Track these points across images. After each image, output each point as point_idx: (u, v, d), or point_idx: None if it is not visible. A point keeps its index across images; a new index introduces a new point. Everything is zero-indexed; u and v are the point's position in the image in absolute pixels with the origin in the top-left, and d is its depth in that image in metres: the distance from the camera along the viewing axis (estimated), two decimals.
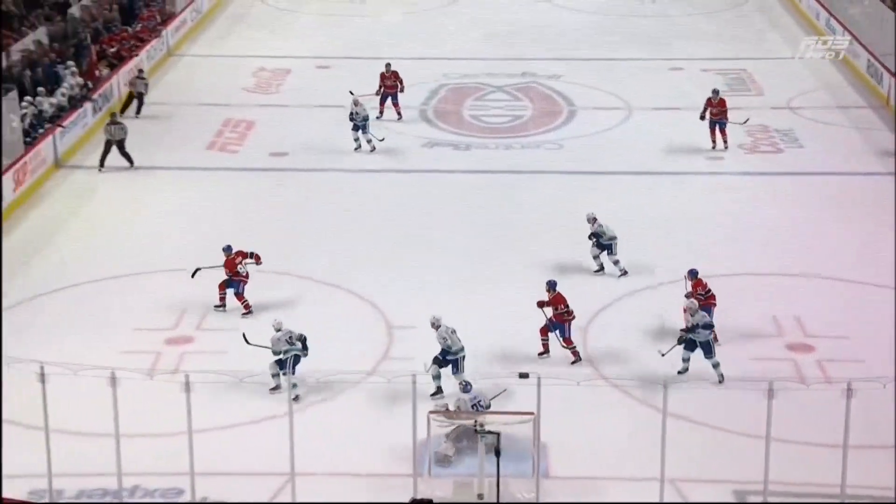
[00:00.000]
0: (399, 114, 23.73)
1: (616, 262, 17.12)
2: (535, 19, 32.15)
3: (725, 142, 22.09)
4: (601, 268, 17.21)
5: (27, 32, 24.49)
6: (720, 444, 13.13)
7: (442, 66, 27.65)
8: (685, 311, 14.48)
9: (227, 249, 16.23)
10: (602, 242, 17.08)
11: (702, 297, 14.98)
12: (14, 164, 20.03)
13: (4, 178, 19.54)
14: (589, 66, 27.84)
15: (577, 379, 12.80)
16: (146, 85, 24.40)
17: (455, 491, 12.28)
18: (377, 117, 23.29)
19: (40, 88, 22.26)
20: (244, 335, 14.36)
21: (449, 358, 14.06)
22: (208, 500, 12.08)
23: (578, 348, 14.94)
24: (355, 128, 21.89)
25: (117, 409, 11.63)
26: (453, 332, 14.08)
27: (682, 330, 14.36)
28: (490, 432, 11.45)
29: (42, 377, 11.54)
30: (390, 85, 23.65)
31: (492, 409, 12.88)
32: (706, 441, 13.18)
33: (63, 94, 22.80)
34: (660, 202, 20.20)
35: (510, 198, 20.42)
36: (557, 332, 14.86)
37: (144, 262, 17.77)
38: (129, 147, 21.59)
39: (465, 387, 13.01)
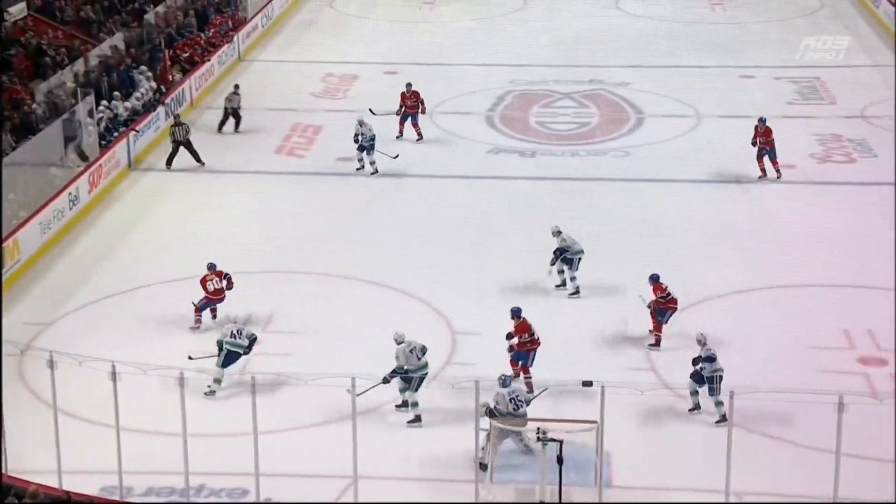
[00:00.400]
0: (419, 134, 22.98)
1: (573, 279, 16.72)
2: (604, 26, 31.98)
3: (777, 171, 20.97)
4: (564, 283, 16.83)
5: (104, 38, 25.04)
6: (788, 458, 12.92)
7: (509, 73, 27.63)
8: (698, 341, 13.99)
9: (211, 267, 16.16)
10: (567, 257, 16.69)
11: (662, 300, 15.11)
12: (90, 166, 20.50)
13: (81, 180, 20.01)
14: (657, 74, 27.61)
15: (642, 388, 12.69)
16: (240, 100, 24.11)
17: (517, 498, 12.25)
18: (397, 136, 22.92)
19: (116, 93, 22.76)
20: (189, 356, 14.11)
21: (406, 377, 13.73)
22: (272, 501, 12.20)
23: (646, 354, 14.73)
24: (360, 148, 21.39)
25: (185, 408, 11.78)
26: (412, 350, 13.71)
27: (694, 360, 13.85)
28: (552, 440, 11.39)
29: (113, 376, 11.76)
30: (411, 105, 22.97)
31: (537, 415, 12.77)
32: (774, 454, 12.99)
33: (137, 99, 23.27)
34: (728, 211, 19.94)
35: (575, 205, 20.31)
36: (520, 361, 14.35)
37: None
38: (202, 149, 21.94)
39: (505, 381, 12.87)
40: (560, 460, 10.72)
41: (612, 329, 15.79)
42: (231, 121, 23.93)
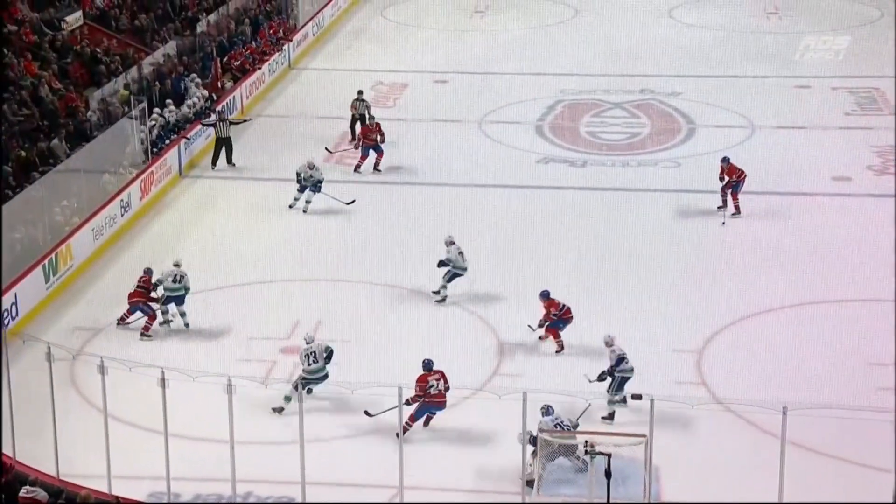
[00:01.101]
0: (377, 168, 22.11)
1: (444, 287, 16.68)
2: (656, 35, 31.72)
3: (737, 206, 19.65)
4: (444, 299, 16.73)
5: (157, 46, 25.34)
6: (842, 475, 12.68)
7: (559, 82, 27.51)
8: (606, 343, 14.10)
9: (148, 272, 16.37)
10: (453, 271, 16.65)
11: (556, 316, 15.22)
12: (141, 173, 20.72)
13: (133, 186, 20.25)
14: (710, 83, 27.32)
15: (692, 402, 12.51)
16: (368, 106, 23.71)
17: None
18: (350, 140, 22.44)
19: (168, 101, 23.00)
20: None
21: (306, 378, 13.82)
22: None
23: (697, 368, 14.60)
24: (301, 189, 20.30)
25: (232, 415, 11.82)
26: (313, 353, 13.89)
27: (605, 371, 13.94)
28: (600, 453, 11.25)
29: (162, 382, 11.84)
30: (371, 139, 22.04)
31: (581, 427, 12.73)
32: (828, 471, 12.75)
33: (189, 107, 23.50)
34: (782, 223, 19.65)
35: (624, 216, 20.15)
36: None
37: (261, 271, 18.13)
38: (254, 154, 21.99)
39: (547, 410, 12.79)
40: (608, 474, 10.59)
41: (662, 341, 15.59)
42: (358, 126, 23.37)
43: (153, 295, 16.19)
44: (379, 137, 22.13)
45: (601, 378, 14.00)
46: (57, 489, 11.54)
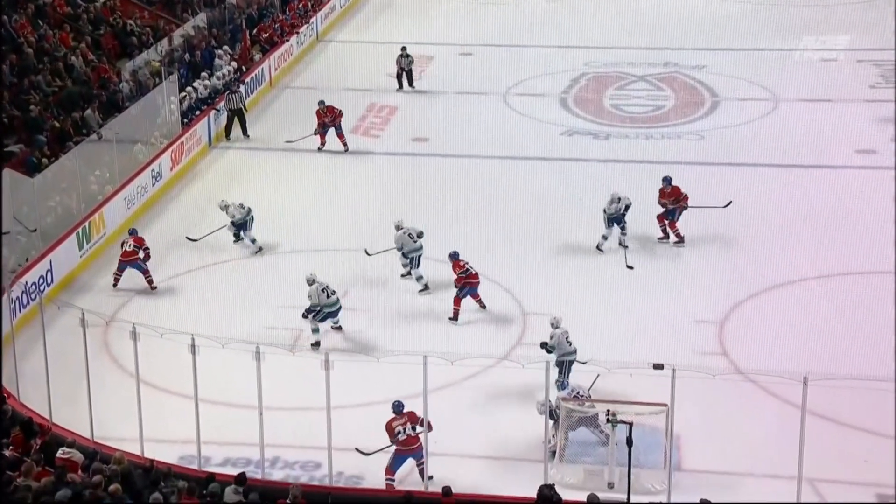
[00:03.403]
0: (345, 145, 22.00)
1: (419, 278, 16.69)
2: (681, 8, 31.49)
3: (677, 234, 18.07)
4: (408, 273, 16.90)
5: (188, 19, 25.54)
6: (863, 446, 12.81)
7: (584, 55, 27.50)
8: (551, 324, 14.11)
9: (133, 232, 17.21)
10: (405, 253, 16.77)
11: (463, 276, 15.45)
12: (171, 143, 21.00)
13: (164, 156, 20.52)
14: (734, 56, 27.21)
15: (713, 372, 12.66)
16: (411, 61, 25.46)
17: (585, 479, 12.35)
18: (318, 148, 22.08)
19: (203, 73, 23.23)
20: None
21: (327, 311, 15.14)
22: (345, 475, 12.46)
23: (717, 337, 14.72)
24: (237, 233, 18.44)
25: (261, 382, 12.09)
26: (327, 287, 15.12)
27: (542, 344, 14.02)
28: (622, 422, 11.45)
29: (193, 348, 12.11)
30: (329, 121, 21.94)
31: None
32: (848, 442, 12.89)
33: (219, 78, 23.73)
34: (805, 196, 19.68)
35: (648, 189, 20.17)
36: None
37: (289, 240, 18.40)
38: (285, 127, 22.15)
39: (562, 384, 12.95)
40: (630, 442, 10.79)
41: (685, 312, 15.75)
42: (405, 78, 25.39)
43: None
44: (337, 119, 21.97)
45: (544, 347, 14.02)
46: (92, 451, 11.87)
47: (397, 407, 12.57)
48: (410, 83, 25.63)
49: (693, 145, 22.37)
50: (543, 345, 14.02)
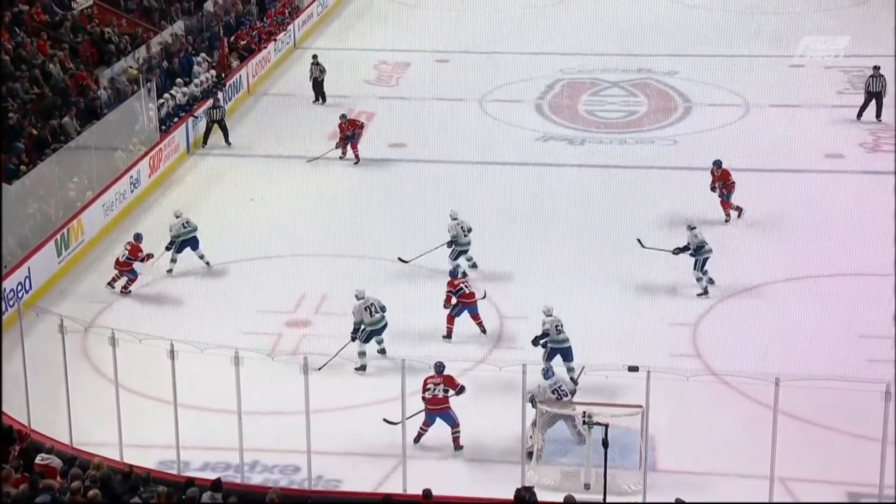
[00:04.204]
0: (357, 157, 22.03)
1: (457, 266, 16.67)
2: (653, 15, 31.83)
3: (727, 213, 19.19)
4: (464, 275, 16.55)
5: (165, 26, 25.59)
6: (834, 445, 13.01)
7: (559, 62, 27.73)
8: (544, 313, 14.41)
9: (138, 238, 17.20)
10: (458, 248, 17.07)
11: (452, 294, 15.38)
12: (150, 150, 21.04)
13: (142, 163, 20.56)
14: (706, 63, 27.52)
15: (687, 374, 12.85)
16: (322, 70, 25.17)
17: (562, 480, 12.50)
18: (340, 157, 22.16)
19: (179, 80, 23.28)
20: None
21: (371, 329, 14.67)
22: (324, 479, 12.56)
23: (692, 340, 14.92)
24: (178, 250, 17.76)
25: (240, 386, 12.18)
26: (373, 305, 14.68)
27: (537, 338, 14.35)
28: (598, 423, 11.59)
29: (172, 354, 12.20)
30: (350, 133, 22.05)
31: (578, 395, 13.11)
32: (819, 441, 13.09)
33: (196, 85, 23.78)
34: (776, 200, 19.96)
35: (622, 193, 20.47)
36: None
37: (267, 246, 18.47)
38: (261, 133, 22.28)
39: (547, 373, 13.13)
40: (605, 443, 10.93)
41: (659, 315, 15.97)
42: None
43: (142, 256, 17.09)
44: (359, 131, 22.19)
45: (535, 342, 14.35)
46: (71, 457, 11.90)
47: (438, 367, 13.11)
48: (322, 96, 24.99)
49: (666, 150, 22.64)
50: (535, 341, 14.27)
